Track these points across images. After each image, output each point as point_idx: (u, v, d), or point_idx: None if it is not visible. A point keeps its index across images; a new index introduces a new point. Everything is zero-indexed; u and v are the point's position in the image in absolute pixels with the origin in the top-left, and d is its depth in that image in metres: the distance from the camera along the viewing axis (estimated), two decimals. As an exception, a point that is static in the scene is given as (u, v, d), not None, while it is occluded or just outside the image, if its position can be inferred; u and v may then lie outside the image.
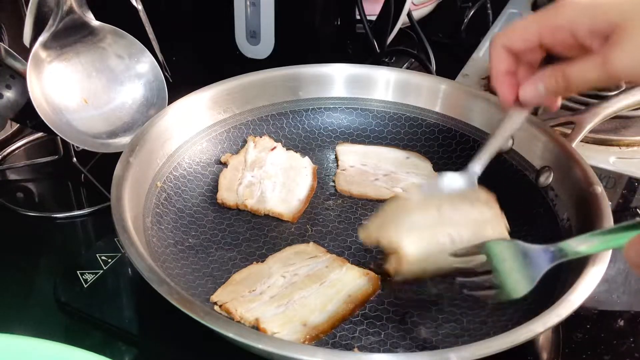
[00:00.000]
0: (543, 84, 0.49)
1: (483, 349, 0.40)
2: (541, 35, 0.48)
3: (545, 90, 0.49)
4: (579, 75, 0.46)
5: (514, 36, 0.49)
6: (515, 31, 0.49)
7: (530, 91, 0.50)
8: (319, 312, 0.51)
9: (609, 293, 0.58)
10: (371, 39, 0.90)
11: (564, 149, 0.60)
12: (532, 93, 0.50)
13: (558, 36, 0.47)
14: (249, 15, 0.80)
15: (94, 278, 0.57)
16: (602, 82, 0.46)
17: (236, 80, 0.69)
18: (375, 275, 0.55)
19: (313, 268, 0.55)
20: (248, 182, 0.65)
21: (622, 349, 0.52)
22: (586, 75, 0.46)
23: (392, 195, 0.65)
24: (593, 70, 0.45)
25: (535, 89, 0.49)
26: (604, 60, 0.44)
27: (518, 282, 0.45)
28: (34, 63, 0.61)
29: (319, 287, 0.53)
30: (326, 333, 0.50)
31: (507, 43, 0.50)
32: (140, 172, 0.58)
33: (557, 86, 0.48)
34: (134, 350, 0.52)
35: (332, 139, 0.73)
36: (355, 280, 0.54)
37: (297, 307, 0.51)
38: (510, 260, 0.46)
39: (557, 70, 0.48)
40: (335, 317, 0.51)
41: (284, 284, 0.53)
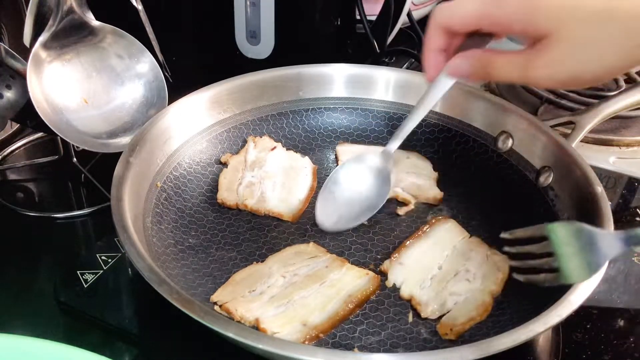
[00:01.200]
0: (469, 64, 0.50)
1: (483, 349, 0.40)
2: (480, 23, 0.48)
3: (469, 70, 0.50)
4: (502, 69, 0.47)
5: (453, 18, 0.50)
6: (456, 12, 0.49)
7: (455, 66, 0.51)
8: (319, 312, 0.51)
9: (609, 293, 0.58)
10: (371, 39, 0.90)
11: (564, 149, 0.60)
12: (457, 68, 0.51)
13: (494, 27, 0.48)
14: (249, 15, 0.80)
15: (94, 278, 0.57)
16: (519, 81, 0.47)
17: (236, 80, 0.69)
18: (375, 275, 0.55)
19: (313, 268, 0.55)
20: (248, 182, 0.65)
21: (622, 349, 0.52)
22: (508, 72, 0.47)
23: (392, 195, 0.65)
24: (514, 69, 0.46)
25: (460, 65, 0.50)
26: (526, 64, 0.45)
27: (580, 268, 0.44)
28: (34, 63, 0.61)
29: (319, 287, 0.53)
30: (326, 333, 0.50)
31: (446, 23, 0.50)
32: (140, 172, 0.58)
33: (480, 71, 0.49)
34: (134, 350, 0.52)
35: (332, 139, 0.73)
36: (355, 280, 0.54)
37: (297, 307, 0.51)
38: (574, 244, 0.45)
39: (485, 56, 0.48)
40: (335, 317, 0.51)
41: (284, 284, 0.53)
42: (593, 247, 0.44)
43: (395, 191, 0.65)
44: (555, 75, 0.44)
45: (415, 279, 0.55)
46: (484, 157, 0.67)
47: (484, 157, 0.67)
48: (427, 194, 0.65)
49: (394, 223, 0.63)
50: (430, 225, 0.61)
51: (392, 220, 0.63)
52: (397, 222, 0.63)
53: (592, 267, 0.44)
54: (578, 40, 0.43)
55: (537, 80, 0.45)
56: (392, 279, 0.55)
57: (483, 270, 0.55)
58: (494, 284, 0.54)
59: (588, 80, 0.45)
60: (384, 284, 0.55)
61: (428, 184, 0.66)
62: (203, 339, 0.51)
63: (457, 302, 0.52)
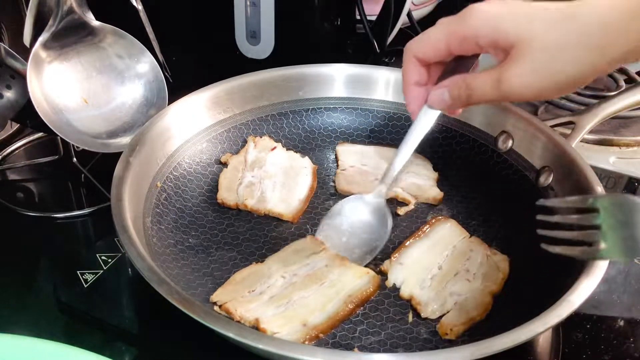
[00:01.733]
0: (448, 92, 0.49)
1: (483, 349, 0.40)
2: (449, 45, 0.47)
3: (450, 98, 0.49)
4: (478, 89, 0.46)
5: (424, 47, 0.49)
6: (425, 41, 0.49)
7: (436, 97, 0.50)
8: (318, 312, 0.51)
9: (609, 293, 0.58)
10: (371, 39, 0.90)
11: (564, 149, 0.60)
12: (438, 99, 0.50)
13: (465, 46, 0.47)
14: (249, 15, 0.80)
15: (94, 278, 0.57)
16: (498, 98, 0.46)
17: (236, 80, 0.69)
18: (375, 274, 0.55)
19: (313, 267, 0.55)
20: (248, 182, 0.65)
21: (622, 349, 0.52)
22: (484, 90, 0.46)
23: (393, 195, 0.65)
24: (489, 86, 0.45)
25: (441, 96, 0.50)
26: (499, 78, 0.44)
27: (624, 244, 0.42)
28: (34, 63, 0.61)
29: (318, 287, 0.53)
30: (326, 333, 0.50)
31: (419, 54, 0.50)
32: (140, 172, 0.58)
33: (460, 96, 0.48)
34: (134, 350, 0.52)
35: (332, 139, 0.73)
36: (355, 280, 0.54)
37: (296, 308, 0.51)
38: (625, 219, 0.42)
39: (461, 81, 0.48)
40: (335, 318, 0.51)
41: (283, 285, 0.53)
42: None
43: (395, 191, 0.65)
44: (529, 84, 0.44)
45: (415, 279, 0.55)
46: (484, 157, 0.67)
47: (484, 157, 0.67)
48: (427, 194, 0.65)
49: (394, 223, 0.63)
50: (430, 225, 0.61)
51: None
52: (397, 222, 0.63)
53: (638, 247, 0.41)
54: (547, 45, 0.42)
55: (512, 92, 0.44)
56: (392, 279, 0.55)
57: (483, 270, 0.55)
58: (494, 284, 0.54)
59: (564, 86, 0.44)
60: (384, 284, 0.55)
61: (428, 184, 0.66)
62: (203, 339, 0.51)
63: (457, 302, 0.52)
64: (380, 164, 0.68)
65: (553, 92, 0.45)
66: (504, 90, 0.44)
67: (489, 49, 0.45)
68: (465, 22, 0.46)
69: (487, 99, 0.47)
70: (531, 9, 0.43)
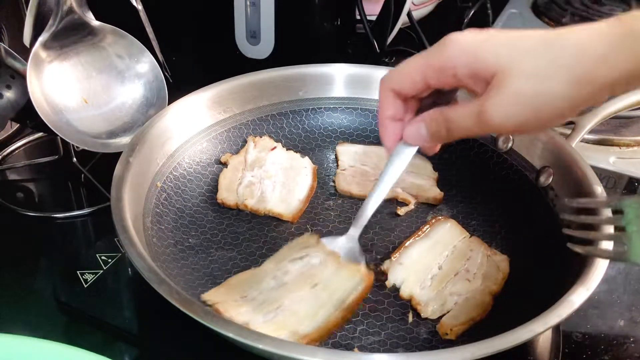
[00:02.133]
0: (425, 126, 0.47)
1: (483, 349, 0.40)
2: (426, 77, 0.45)
3: (427, 133, 0.47)
4: (458, 121, 0.44)
5: (400, 79, 0.47)
6: (401, 73, 0.47)
7: (413, 132, 0.48)
8: (309, 321, 0.49)
9: (609, 293, 0.58)
10: (371, 39, 0.90)
11: (564, 149, 0.60)
12: (415, 135, 0.48)
13: (442, 78, 0.44)
14: (249, 15, 0.80)
15: (94, 278, 0.57)
16: (479, 131, 0.44)
17: (236, 80, 0.69)
18: (367, 271, 0.52)
19: (306, 264, 0.53)
20: (248, 182, 0.65)
21: (622, 349, 0.52)
22: (464, 122, 0.44)
23: (393, 195, 0.65)
24: (470, 117, 0.43)
25: (418, 130, 0.47)
26: (480, 109, 0.42)
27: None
28: (34, 63, 0.61)
29: (310, 289, 0.51)
30: (316, 342, 0.48)
31: (395, 86, 0.47)
32: (140, 172, 0.58)
33: (438, 130, 0.46)
34: (134, 350, 0.52)
35: (332, 139, 0.73)
36: (347, 282, 0.52)
37: (286, 315, 0.49)
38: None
39: (439, 114, 0.46)
40: (326, 327, 0.49)
41: (274, 287, 0.52)
42: None
43: (395, 191, 0.65)
44: (512, 114, 0.41)
45: (415, 279, 0.55)
46: (484, 157, 0.67)
47: (484, 157, 0.67)
48: (427, 194, 0.65)
49: (394, 223, 0.63)
50: (430, 225, 0.61)
51: (392, 220, 0.63)
52: (397, 222, 0.63)
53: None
54: (529, 72, 0.40)
55: (493, 123, 0.42)
56: (392, 279, 0.55)
57: (483, 270, 0.55)
58: (494, 284, 0.54)
59: (548, 116, 0.41)
60: (384, 284, 0.55)
61: (428, 184, 0.66)
62: (203, 339, 0.51)
63: (457, 302, 0.52)
64: (380, 164, 0.68)
65: (535, 125, 0.42)
66: (485, 122, 0.42)
67: (467, 80, 0.43)
68: (441, 52, 0.43)
69: (467, 132, 0.44)
70: (510, 37, 0.41)
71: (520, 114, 0.41)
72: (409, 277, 0.55)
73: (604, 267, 0.46)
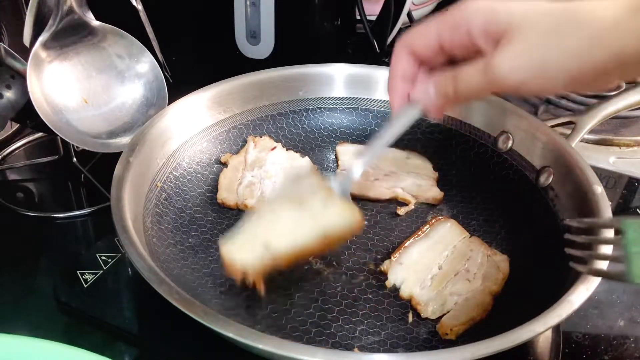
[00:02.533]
0: (433, 86, 0.47)
1: (483, 349, 0.40)
2: (440, 35, 0.46)
3: (435, 93, 0.47)
4: (466, 80, 0.45)
5: (415, 37, 0.48)
6: (416, 32, 0.47)
7: (420, 92, 0.48)
8: (284, 239, 0.47)
9: (609, 293, 0.58)
10: (371, 39, 0.90)
11: (564, 149, 0.60)
12: (422, 95, 0.48)
13: (455, 37, 0.45)
14: (249, 15, 0.80)
15: (94, 278, 0.57)
16: (485, 88, 0.44)
17: (236, 80, 0.69)
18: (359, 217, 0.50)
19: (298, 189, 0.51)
20: (248, 182, 0.65)
21: (622, 349, 0.52)
22: (471, 79, 0.44)
23: (393, 195, 0.65)
24: (477, 73, 0.44)
25: (426, 91, 0.48)
26: (487, 64, 0.43)
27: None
28: (34, 63, 0.61)
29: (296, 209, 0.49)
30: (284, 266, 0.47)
31: (409, 45, 0.48)
32: (140, 172, 0.58)
33: (446, 90, 0.46)
34: (134, 350, 0.52)
35: (332, 139, 0.73)
36: (336, 216, 0.49)
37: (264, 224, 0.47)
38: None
39: (448, 74, 0.46)
40: (300, 251, 0.47)
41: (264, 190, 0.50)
42: None
43: (395, 191, 0.65)
44: (518, 66, 0.42)
45: (415, 279, 0.55)
46: (484, 157, 0.67)
47: (484, 157, 0.67)
48: (427, 194, 0.65)
49: (394, 223, 0.63)
50: (430, 225, 0.60)
51: (392, 220, 0.63)
52: (397, 222, 0.63)
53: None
54: (538, 30, 0.41)
55: (501, 76, 0.42)
56: (392, 279, 0.55)
57: (483, 270, 0.55)
58: (494, 284, 0.54)
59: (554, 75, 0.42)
60: (384, 284, 0.55)
61: (428, 183, 0.66)
62: (203, 339, 0.51)
63: (457, 302, 0.52)
64: (380, 164, 0.68)
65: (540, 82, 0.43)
66: (492, 76, 0.43)
67: (479, 39, 0.44)
68: (457, 11, 0.45)
69: (473, 90, 0.45)
70: (525, 3, 0.43)
71: (527, 67, 0.42)
72: (409, 277, 0.55)
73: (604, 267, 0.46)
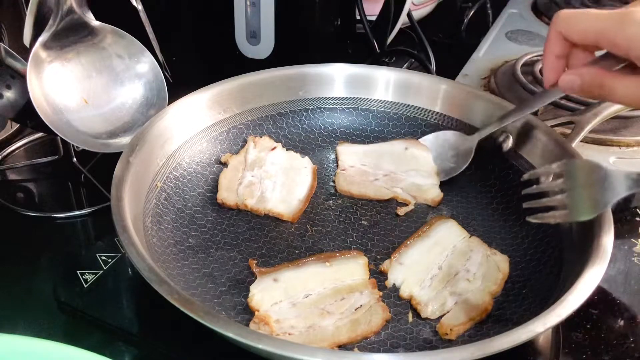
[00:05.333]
0: (581, 81, 0.49)
1: (483, 349, 0.40)
2: (598, 41, 0.47)
3: (580, 88, 0.49)
4: (621, 92, 0.46)
5: (573, 29, 0.48)
6: (576, 25, 0.48)
7: (568, 82, 0.50)
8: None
9: (609, 293, 0.58)
10: (371, 39, 0.90)
11: (564, 149, 0.60)
12: (569, 85, 0.50)
13: (613, 49, 0.46)
14: (249, 15, 0.80)
15: (94, 278, 0.57)
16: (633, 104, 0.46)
17: (236, 80, 0.69)
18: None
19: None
20: (248, 182, 0.65)
21: (622, 349, 0.52)
22: (624, 90, 0.46)
23: (392, 195, 0.65)
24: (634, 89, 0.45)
25: (573, 82, 0.49)
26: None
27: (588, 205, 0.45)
28: (34, 63, 0.61)
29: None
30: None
31: (565, 31, 0.49)
32: (140, 172, 0.58)
33: (591, 91, 0.48)
34: (134, 350, 0.52)
35: (332, 139, 0.73)
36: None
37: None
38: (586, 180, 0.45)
39: (599, 76, 0.47)
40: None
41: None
42: (604, 184, 0.45)
43: (394, 191, 0.65)
44: None
45: (415, 279, 0.55)
46: (484, 157, 0.67)
47: (484, 157, 0.67)
48: (426, 195, 0.65)
49: (394, 223, 0.63)
50: (430, 225, 0.61)
51: (392, 220, 0.63)
52: (397, 222, 0.63)
53: (599, 206, 0.44)
54: None
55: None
56: (392, 279, 0.55)
57: (483, 270, 0.55)
58: (494, 284, 0.54)
59: None
60: (384, 284, 0.55)
61: (428, 183, 0.66)
62: (203, 339, 0.51)
63: (457, 302, 0.52)
64: (380, 164, 0.68)
65: None
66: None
67: (636, 60, 0.44)
68: (622, 29, 0.44)
69: (620, 100, 0.47)
70: None
71: None
72: (408, 277, 0.55)
73: (604, 267, 0.46)
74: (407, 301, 0.54)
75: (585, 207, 0.45)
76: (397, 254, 0.57)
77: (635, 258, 0.61)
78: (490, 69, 0.91)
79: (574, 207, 0.45)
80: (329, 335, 0.49)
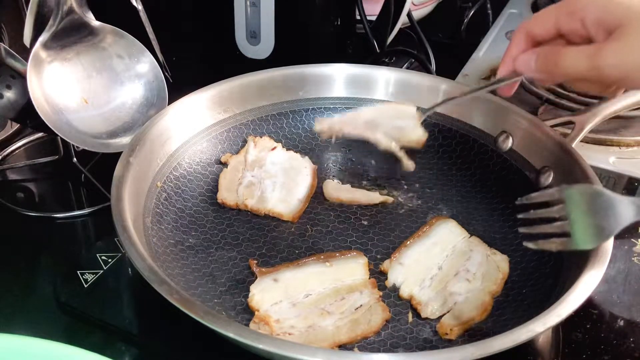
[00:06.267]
0: (536, 58, 0.49)
1: (483, 349, 0.40)
2: (557, 21, 0.49)
3: (536, 65, 0.50)
4: (569, 60, 0.47)
5: (535, 22, 0.51)
6: (537, 17, 0.51)
7: (523, 62, 0.51)
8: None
9: (609, 293, 0.58)
10: (371, 39, 0.90)
11: (564, 149, 0.60)
12: (525, 65, 0.51)
13: (570, 22, 0.48)
14: (249, 15, 0.80)
15: (94, 278, 0.57)
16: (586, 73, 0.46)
17: (236, 80, 0.69)
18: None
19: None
20: (248, 182, 0.65)
21: (622, 349, 0.52)
22: (575, 62, 0.46)
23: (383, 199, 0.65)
24: (583, 59, 0.46)
25: (529, 60, 0.50)
26: (596, 52, 0.45)
27: (592, 233, 0.44)
28: (34, 63, 0.61)
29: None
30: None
31: (528, 28, 0.51)
32: (140, 172, 0.58)
33: (547, 65, 0.49)
34: (134, 350, 0.52)
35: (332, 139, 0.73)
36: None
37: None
38: (588, 207, 0.44)
39: (552, 48, 0.49)
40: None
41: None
42: (608, 212, 0.43)
43: (377, 138, 0.61)
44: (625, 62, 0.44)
45: (415, 278, 0.55)
46: (484, 157, 0.67)
47: (484, 157, 0.67)
48: (409, 136, 0.61)
49: (394, 223, 0.63)
50: (430, 225, 0.61)
51: (392, 220, 0.63)
52: (397, 222, 0.63)
53: (604, 233, 0.43)
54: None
55: (606, 65, 0.44)
56: (392, 279, 0.55)
57: (483, 270, 0.55)
58: (494, 284, 0.54)
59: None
60: (384, 284, 0.55)
61: (411, 124, 0.61)
62: (203, 339, 0.51)
63: (457, 302, 0.52)
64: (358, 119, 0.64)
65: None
66: (597, 63, 0.45)
67: (592, 28, 0.46)
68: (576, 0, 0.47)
69: (575, 69, 0.47)
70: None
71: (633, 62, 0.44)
72: (408, 277, 0.55)
73: (604, 267, 0.46)
74: (407, 301, 0.54)
75: (589, 234, 0.44)
76: (397, 254, 0.57)
77: (635, 258, 0.61)
78: (490, 69, 0.91)
79: (576, 234, 0.44)
80: (329, 335, 0.49)
